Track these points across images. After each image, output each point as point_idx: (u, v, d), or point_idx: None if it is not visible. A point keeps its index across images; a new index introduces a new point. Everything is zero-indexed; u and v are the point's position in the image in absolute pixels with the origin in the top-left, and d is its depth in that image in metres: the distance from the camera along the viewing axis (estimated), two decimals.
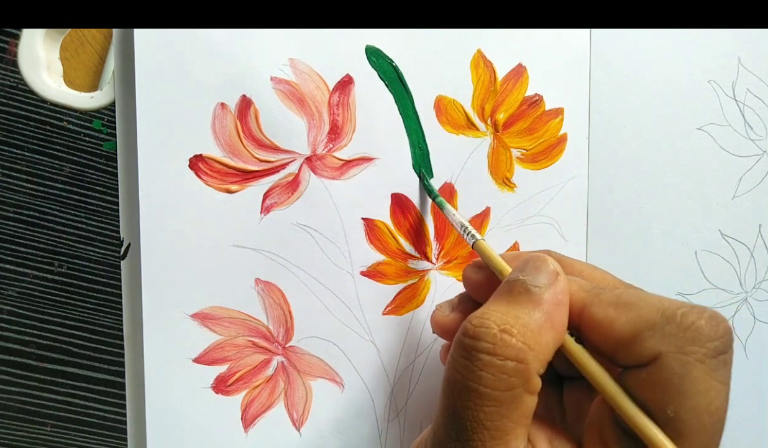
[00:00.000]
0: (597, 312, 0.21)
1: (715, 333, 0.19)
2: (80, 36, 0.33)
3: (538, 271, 0.22)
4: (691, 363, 0.19)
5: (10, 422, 0.32)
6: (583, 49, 0.33)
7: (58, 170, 0.31)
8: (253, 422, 0.30)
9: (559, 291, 0.21)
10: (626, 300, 0.21)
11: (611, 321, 0.20)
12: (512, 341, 0.20)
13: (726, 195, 0.35)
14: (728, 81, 0.34)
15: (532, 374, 0.20)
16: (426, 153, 0.31)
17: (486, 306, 0.22)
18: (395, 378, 0.31)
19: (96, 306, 0.32)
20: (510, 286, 0.22)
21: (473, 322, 0.21)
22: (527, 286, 0.21)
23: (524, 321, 0.20)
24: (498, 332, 0.20)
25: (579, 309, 0.22)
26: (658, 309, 0.20)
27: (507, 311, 0.21)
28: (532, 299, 0.21)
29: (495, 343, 0.20)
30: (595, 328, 0.21)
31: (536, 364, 0.20)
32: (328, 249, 0.30)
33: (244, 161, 0.29)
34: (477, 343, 0.20)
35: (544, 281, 0.21)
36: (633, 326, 0.20)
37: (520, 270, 0.22)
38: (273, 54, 0.29)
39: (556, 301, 0.21)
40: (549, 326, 0.20)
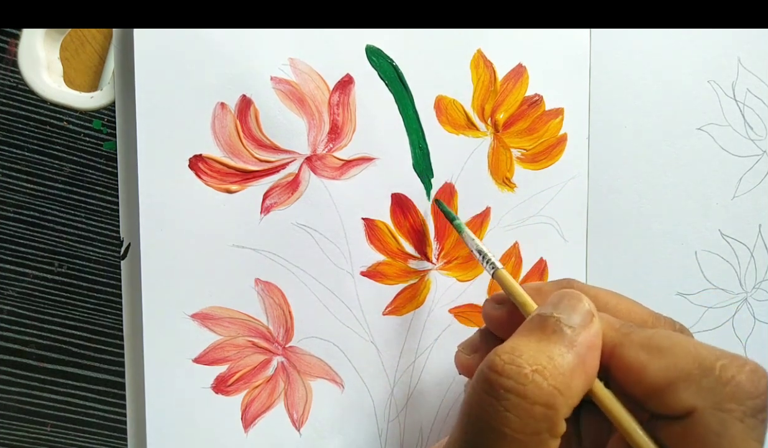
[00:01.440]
0: (628, 355, 0.20)
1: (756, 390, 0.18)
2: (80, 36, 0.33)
3: (572, 310, 0.20)
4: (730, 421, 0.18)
5: (10, 422, 0.32)
6: (583, 49, 0.33)
7: (58, 170, 0.31)
8: (253, 422, 0.30)
9: (594, 334, 0.20)
10: (659, 344, 0.20)
11: (643, 366, 0.19)
12: (544, 384, 0.18)
13: (726, 195, 0.35)
14: (728, 81, 0.34)
15: (559, 420, 0.19)
16: (426, 153, 0.31)
17: (515, 340, 0.20)
18: (395, 378, 0.31)
19: (96, 306, 0.32)
20: (542, 322, 0.20)
21: (503, 357, 0.19)
22: (561, 325, 0.20)
23: (557, 363, 0.19)
24: (530, 372, 0.19)
25: (609, 349, 0.21)
26: (694, 358, 0.19)
27: (539, 349, 0.19)
28: (565, 339, 0.20)
29: (526, 384, 0.18)
30: (626, 372, 0.20)
31: (565, 409, 0.19)
32: (328, 249, 0.30)
33: (244, 161, 0.29)
34: (506, 381, 0.19)
35: (578, 321, 0.20)
36: (667, 375, 0.19)
37: (554, 306, 0.21)
38: (273, 54, 0.29)
39: (590, 344, 0.20)
40: (581, 370, 0.19)
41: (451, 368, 0.32)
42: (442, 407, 0.32)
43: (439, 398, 0.32)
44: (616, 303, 0.23)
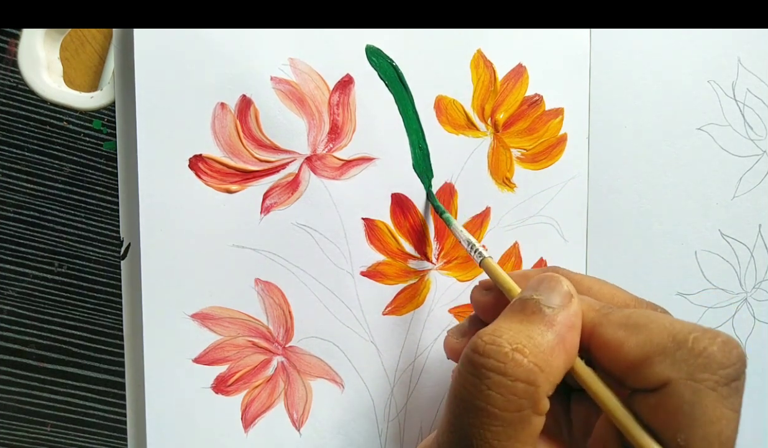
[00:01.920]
0: (606, 333, 0.21)
1: (727, 360, 0.19)
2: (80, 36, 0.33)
3: (552, 291, 0.21)
4: (703, 391, 0.18)
5: (10, 422, 0.32)
6: (583, 49, 0.33)
7: (58, 170, 0.31)
8: (253, 422, 0.30)
9: (573, 313, 0.21)
10: (636, 321, 0.20)
11: (620, 343, 0.20)
12: (524, 361, 0.19)
13: (726, 195, 0.35)
14: (728, 81, 0.34)
15: (541, 396, 0.19)
16: (426, 153, 0.31)
17: (497, 323, 0.21)
18: (395, 378, 0.31)
19: (96, 306, 0.32)
20: (523, 304, 0.21)
21: (484, 338, 0.20)
22: (541, 306, 0.21)
23: (537, 341, 0.20)
24: (510, 350, 0.19)
25: (589, 329, 0.21)
26: (669, 332, 0.19)
27: (519, 329, 0.20)
28: (545, 319, 0.20)
29: (506, 362, 0.19)
30: (605, 349, 0.21)
31: (546, 386, 0.19)
32: (328, 249, 0.30)
33: (244, 161, 0.29)
34: (487, 361, 0.19)
35: (558, 302, 0.21)
36: (642, 350, 0.19)
37: (534, 289, 0.22)
38: (273, 54, 0.29)
39: (570, 323, 0.21)
40: (561, 348, 0.20)
41: (450, 367, 0.32)
42: (442, 406, 0.32)
43: (438, 398, 0.32)
44: (599, 288, 0.24)
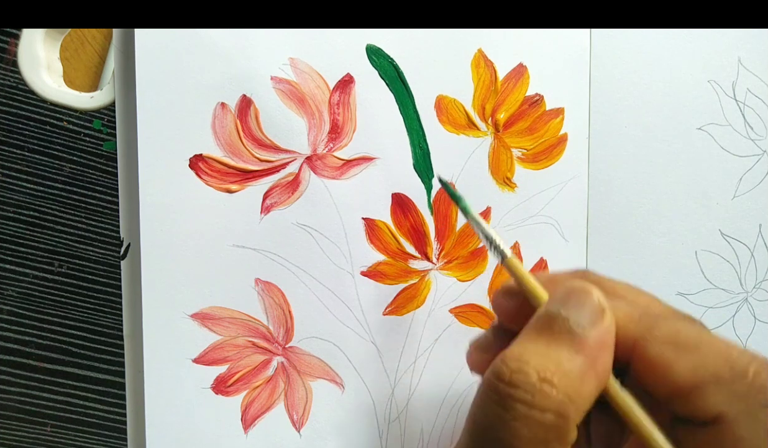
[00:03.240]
0: (652, 351, 0.19)
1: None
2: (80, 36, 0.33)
3: (581, 307, 0.19)
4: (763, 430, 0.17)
5: (10, 422, 0.32)
6: (583, 49, 0.33)
7: (58, 170, 0.31)
8: (253, 422, 0.30)
9: (605, 331, 0.19)
10: (686, 340, 0.19)
11: (669, 364, 0.18)
12: (553, 392, 0.17)
13: (726, 195, 0.35)
14: (728, 81, 0.34)
15: (570, 428, 0.18)
16: (426, 153, 0.31)
17: (521, 345, 0.19)
18: (396, 379, 0.31)
19: (96, 306, 0.32)
20: (549, 322, 0.19)
21: (510, 365, 0.18)
22: (569, 325, 0.19)
23: (566, 368, 0.18)
24: (537, 380, 0.18)
25: (629, 344, 0.19)
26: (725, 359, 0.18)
27: (546, 354, 0.18)
28: (574, 341, 0.18)
29: (533, 394, 0.17)
30: (649, 369, 0.19)
31: (576, 417, 0.18)
32: (329, 249, 0.30)
33: (245, 161, 0.29)
34: (513, 391, 0.18)
35: (588, 320, 0.19)
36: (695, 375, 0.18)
37: (561, 303, 0.19)
38: (273, 53, 0.29)
39: (601, 343, 0.19)
40: (592, 374, 0.18)
41: (452, 368, 0.32)
42: (443, 407, 0.32)
43: (440, 399, 0.32)
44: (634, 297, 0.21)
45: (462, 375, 0.32)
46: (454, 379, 0.32)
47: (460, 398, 0.32)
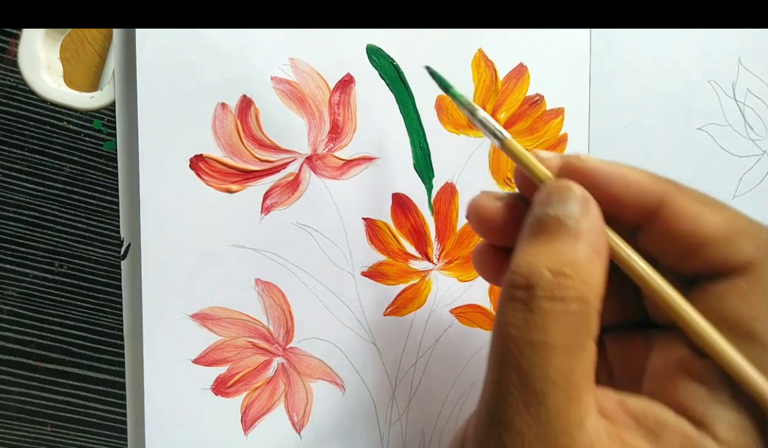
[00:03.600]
0: (683, 203, 0.19)
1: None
2: (80, 36, 0.33)
3: (566, 202, 0.20)
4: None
5: (10, 422, 0.32)
6: (583, 49, 0.33)
7: (58, 170, 0.31)
8: (253, 424, 0.29)
9: (595, 216, 0.19)
10: (713, 201, 0.19)
11: (700, 215, 0.19)
12: (569, 282, 0.18)
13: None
14: (728, 81, 0.34)
15: (594, 315, 0.18)
16: (427, 153, 0.31)
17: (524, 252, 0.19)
18: (397, 380, 0.31)
19: (96, 306, 0.32)
20: (541, 223, 0.20)
21: (521, 271, 0.18)
22: (560, 219, 0.19)
23: (572, 258, 0.18)
24: (552, 276, 0.18)
25: (657, 198, 0.19)
26: (747, 218, 0.19)
27: (550, 251, 0.19)
28: (570, 231, 0.19)
29: (552, 289, 0.18)
30: (679, 220, 0.19)
31: (596, 302, 0.18)
32: (329, 249, 0.30)
33: (245, 161, 0.29)
34: (533, 291, 0.18)
35: (576, 211, 0.19)
36: (726, 226, 0.19)
37: (546, 204, 0.20)
38: (273, 53, 0.29)
39: (596, 227, 0.19)
40: (596, 257, 0.19)
41: (453, 368, 0.31)
42: (444, 408, 0.32)
43: (441, 400, 0.32)
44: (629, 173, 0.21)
45: (463, 376, 0.32)
46: (455, 379, 0.32)
47: (462, 399, 0.32)
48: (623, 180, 0.20)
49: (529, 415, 0.17)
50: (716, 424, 0.17)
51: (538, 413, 0.17)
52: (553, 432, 0.17)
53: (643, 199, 0.20)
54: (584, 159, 0.20)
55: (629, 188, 0.20)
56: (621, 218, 0.20)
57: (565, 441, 0.17)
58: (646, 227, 0.20)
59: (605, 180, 0.20)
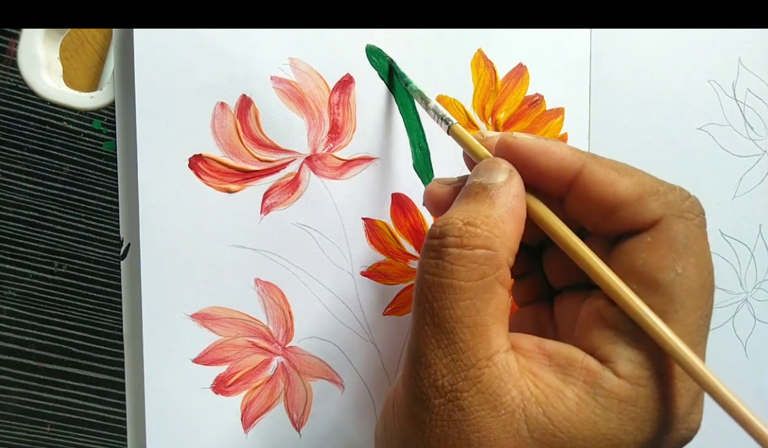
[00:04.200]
0: (598, 171, 0.21)
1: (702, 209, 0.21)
2: (80, 36, 0.33)
3: (492, 171, 0.22)
4: (692, 227, 0.21)
5: (10, 422, 0.32)
6: (583, 49, 0.33)
7: (58, 170, 0.31)
8: (253, 422, 0.30)
9: (515, 184, 0.22)
10: (626, 167, 0.22)
11: (613, 181, 0.21)
12: (477, 230, 0.20)
13: (726, 195, 0.35)
14: (728, 81, 0.34)
15: (502, 262, 0.20)
16: (426, 153, 0.31)
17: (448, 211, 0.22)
18: (396, 379, 0.31)
19: (96, 306, 0.32)
20: (467, 189, 0.22)
21: (437, 223, 0.21)
22: (484, 185, 0.21)
23: (486, 213, 0.20)
24: (463, 225, 0.20)
25: (577, 167, 0.22)
26: (656, 180, 0.21)
27: (468, 208, 0.21)
28: (490, 194, 0.21)
29: (461, 235, 0.20)
30: (595, 186, 0.21)
31: (504, 252, 0.20)
32: (329, 249, 0.30)
33: (244, 161, 0.29)
34: (444, 240, 0.20)
35: (499, 178, 0.21)
36: (636, 189, 0.21)
37: (475, 175, 0.22)
38: (273, 53, 0.29)
39: (514, 193, 0.21)
40: (510, 217, 0.21)
41: None
42: None
43: None
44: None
45: None
46: None
47: None
48: (547, 153, 0.22)
49: (441, 350, 0.19)
50: (618, 360, 0.20)
51: (449, 349, 0.19)
52: (462, 365, 0.19)
53: (564, 169, 0.22)
54: (515, 136, 0.22)
55: (552, 160, 0.22)
56: (547, 188, 0.22)
57: (474, 373, 0.19)
58: (569, 195, 0.22)
59: (532, 153, 0.22)
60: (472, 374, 0.19)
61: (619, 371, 0.19)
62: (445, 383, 0.19)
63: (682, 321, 0.20)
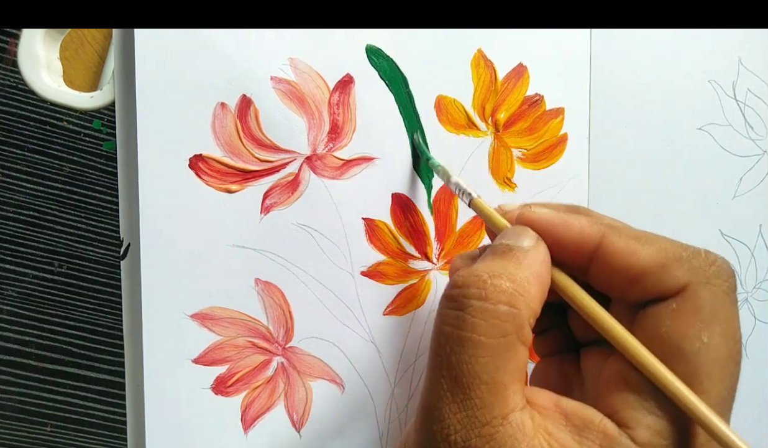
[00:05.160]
0: (619, 241, 0.21)
1: (731, 272, 0.21)
2: (80, 36, 0.33)
3: (519, 236, 0.22)
4: (719, 293, 0.20)
5: (10, 422, 0.32)
6: (583, 49, 0.33)
7: (58, 170, 0.31)
8: (253, 423, 0.30)
9: (542, 251, 0.22)
10: (646, 235, 0.21)
11: (634, 251, 0.21)
12: (503, 285, 0.19)
13: (726, 195, 0.35)
14: (728, 81, 0.34)
15: (524, 322, 0.20)
16: None
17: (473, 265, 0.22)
18: (396, 379, 0.31)
19: (96, 306, 0.32)
20: (494, 248, 0.22)
21: (462, 273, 0.20)
22: (510, 246, 0.21)
23: (511, 271, 0.20)
24: (488, 277, 0.20)
25: (596, 239, 0.21)
26: (680, 245, 0.21)
27: (493, 264, 0.21)
28: (516, 255, 0.21)
29: (486, 289, 0.19)
30: (616, 256, 0.21)
31: (527, 312, 0.20)
32: (329, 249, 0.30)
33: (244, 161, 0.29)
34: (467, 291, 0.20)
35: (527, 243, 0.21)
36: (659, 256, 0.20)
37: (503, 237, 0.22)
38: (273, 53, 0.29)
39: (540, 258, 0.21)
40: (535, 279, 0.20)
41: None
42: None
43: None
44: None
45: None
46: None
47: None
48: (565, 226, 0.22)
49: (456, 405, 0.19)
50: (637, 427, 0.19)
51: (464, 404, 0.19)
52: (477, 422, 0.18)
53: (583, 242, 0.22)
54: (534, 211, 0.23)
55: (571, 232, 0.22)
56: (568, 260, 0.22)
57: (488, 431, 0.18)
58: (591, 265, 0.22)
59: (550, 226, 0.22)
60: (486, 431, 0.18)
61: (637, 437, 0.19)
62: (458, 438, 0.19)
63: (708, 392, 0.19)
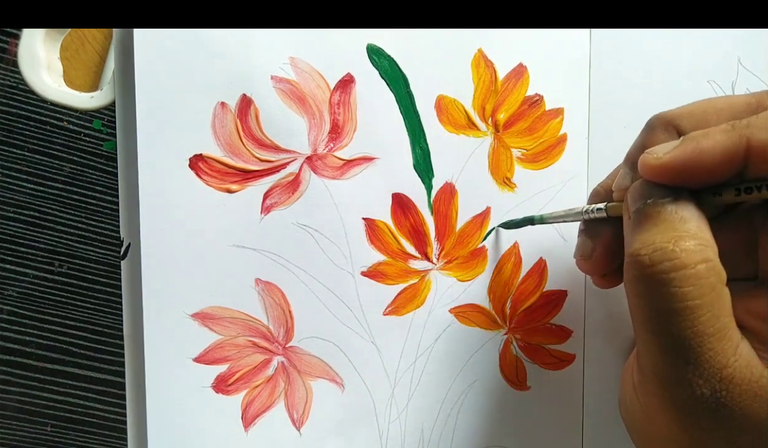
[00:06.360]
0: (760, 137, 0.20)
1: None
2: (80, 36, 0.33)
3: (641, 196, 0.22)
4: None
5: (10, 422, 0.32)
6: (583, 49, 0.33)
7: (58, 170, 0.31)
8: (253, 421, 0.30)
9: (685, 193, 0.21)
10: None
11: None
12: (689, 244, 0.20)
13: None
14: (728, 81, 0.34)
15: (720, 268, 0.20)
16: (427, 153, 0.31)
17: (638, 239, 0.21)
18: (396, 379, 0.31)
19: (96, 306, 0.32)
20: (645, 213, 0.21)
21: (642, 252, 0.20)
22: (660, 204, 0.21)
23: (684, 228, 0.20)
24: (674, 246, 0.20)
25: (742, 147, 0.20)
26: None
27: (659, 230, 0.21)
28: (667, 209, 0.21)
29: (678, 257, 0.20)
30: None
31: (715, 255, 0.20)
32: (329, 249, 0.30)
33: (245, 161, 0.29)
34: (661, 266, 0.20)
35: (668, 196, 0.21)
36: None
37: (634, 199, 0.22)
38: (273, 53, 0.29)
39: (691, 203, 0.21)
40: (698, 216, 0.21)
41: (452, 367, 0.32)
42: (443, 407, 0.32)
43: (440, 399, 0.32)
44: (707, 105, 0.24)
45: (462, 375, 0.32)
46: (454, 379, 0.32)
47: (461, 398, 0.32)
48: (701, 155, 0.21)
49: (692, 366, 0.19)
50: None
51: (699, 361, 0.19)
52: (716, 371, 0.19)
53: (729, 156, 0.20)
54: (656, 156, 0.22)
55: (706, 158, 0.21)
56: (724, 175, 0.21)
57: (728, 373, 0.19)
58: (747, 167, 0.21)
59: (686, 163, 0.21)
60: (726, 373, 0.19)
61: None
62: (705, 391, 0.19)
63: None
